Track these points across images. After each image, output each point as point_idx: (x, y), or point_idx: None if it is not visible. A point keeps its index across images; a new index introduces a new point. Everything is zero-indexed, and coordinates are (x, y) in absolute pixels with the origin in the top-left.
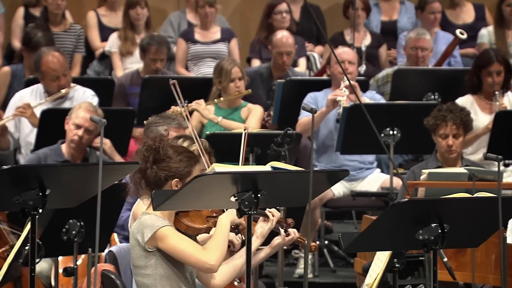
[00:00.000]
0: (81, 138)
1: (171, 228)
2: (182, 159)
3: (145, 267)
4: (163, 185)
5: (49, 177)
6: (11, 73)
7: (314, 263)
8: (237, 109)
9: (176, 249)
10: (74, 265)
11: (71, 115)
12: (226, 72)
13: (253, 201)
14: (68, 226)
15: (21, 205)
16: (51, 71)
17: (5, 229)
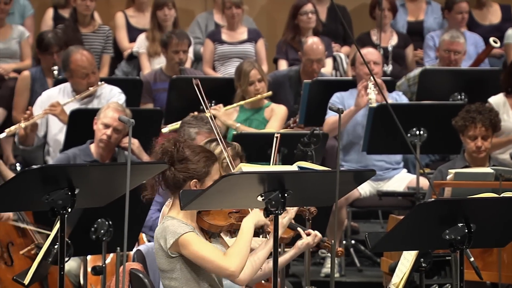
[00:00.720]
0: (109, 138)
1: (193, 234)
2: (199, 159)
3: (171, 271)
4: (182, 186)
5: (78, 176)
6: (30, 77)
7: (340, 263)
8: (261, 110)
9: (197, 256)
10: (102, 264)
11: (99, 115)
12: (244, 75)
13: (280, 200)
14: (97, 225)
15: (51, 204)
16: (81, 68)
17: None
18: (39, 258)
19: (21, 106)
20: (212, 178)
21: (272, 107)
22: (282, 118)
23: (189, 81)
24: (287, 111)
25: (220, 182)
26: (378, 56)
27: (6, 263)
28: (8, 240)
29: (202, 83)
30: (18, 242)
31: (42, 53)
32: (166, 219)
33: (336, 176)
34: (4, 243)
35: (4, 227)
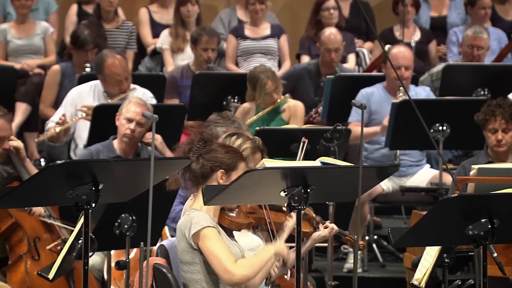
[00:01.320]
0: (133, 132)
1: (214, 230)
2: (228, 151)
3: (192, 263)
4: (208, 177)
5: (102, 172)
6: (61, 72)
7: (363, 258)
8: (277, 110)
9: (210, 252)
10: (126, 259)
11: (121, 111)
12: (260, 87)
13: (302, 196)
14: (120, 221)
15: (75, 200)
16: (115, 75)
17: (57, 223)
18: (64, 253)
19: (49, 100)
20: (238, 174)
21: (289, 106)
22: (301, 117)
23: (213, 77)
24: (303, 107)
25: (243, 177)
26: (411, 59)
27: (33, 258)
28: (35, 235)
29: (225, 79)
30: (45, 238)
31: (76, 49)
32: (191, 211)
33: (359, 172)
34: (31, 238)
35: (31, 222)
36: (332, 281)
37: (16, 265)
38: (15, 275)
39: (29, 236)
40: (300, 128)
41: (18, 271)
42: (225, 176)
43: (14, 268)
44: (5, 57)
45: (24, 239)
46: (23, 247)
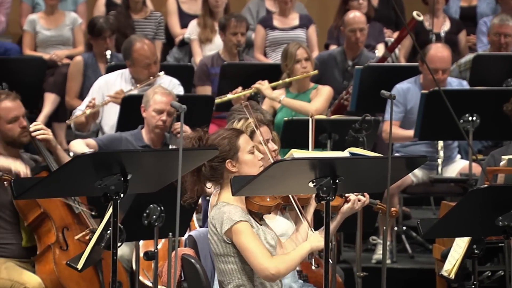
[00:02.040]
0: (165, 122)
1: (247, 225)
2: (222, 140)
3: (227, 255)
4: (222, 171)
5: (130, 162)
6: (83, 62)
7: (392, 249)
8: (307, 93)
9: (244, 247)
10: (154, 249)
11: (148, 102)
12: (291, 54)
13: (331, 187)
14: (149, 211)
15: (103, 190)
16: (144, 58)
17: (86, 213)
18: (92, 243)
19: (73, 91)
20: (245, 151)
21: (318, 88)
22: (326, 98)
23: (241, 67)
24: (332, 92)
25: (271, 168)
26: (448, 61)
27: (62, 248)
28: (64, 225)
29: (253, 69)
30: (73, 227)
31: (94, 38)
32: (221, 204)
33: (388, 162)
34: (59, 228)
35: (59, 212)
36: (360, 272)
37: (45, 256)
38: (44, 266)
39: (57, 226)
40: (328, 119)
41: (46, 262)
42: (234, 162)
43: (42, 258)
44: (34, 47)
45: (53, 229)
46: (51, 237)
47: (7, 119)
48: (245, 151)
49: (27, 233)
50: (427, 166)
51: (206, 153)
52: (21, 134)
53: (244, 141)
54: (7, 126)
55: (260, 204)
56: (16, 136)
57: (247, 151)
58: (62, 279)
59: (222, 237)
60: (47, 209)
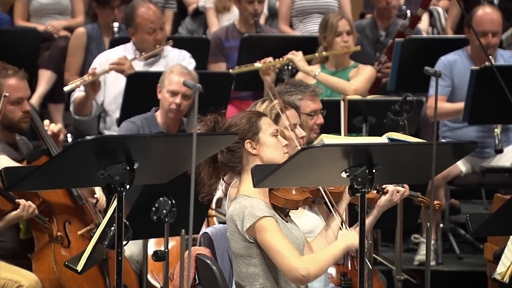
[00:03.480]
0: (179, 106)
1: (272, 220)
2: (240, 119)
3: (249, 257)
4: (241, 155)
5: (137, 149)
6: (86, 34)
7: (437, 249)
8: (346, 71)
9: (270, 246)
10: (165, 249)
11: (163, 82)
12: (332, 25)
13: (367, 177)
14: (158, 205)
15: (107, 181)
16: (148, 23)
17: (91, 206)
18: (94, 241)
19: (74, 68)
20: (267, 132)
21: (359, 67)
22: (367, 79)
23: (262, 39)
24: (375, 73)
25: (298, 155)
26: (498, 23)
27: (63, 244)
28: (66, 218)
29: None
30: (77, 221)
31: (101, 7)
32: (241, 197)
33: (432, 149)
34: (61, 221)
35: (61, 203)
36: (401, 275)
37: (43, 253)
38: (42, 264)
39: (57, 219)
40: (363, 99)
41: (45, 259)
42: (254, 144)
43: (40, 255)
44: (27, 17)
45: (53, 223)
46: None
47: (10, 99)
48: (267, 133)
49: (24, 223)
50: (477, 154)
51: (223, 139)
52: (22, 118)
53: (266, 123)
54: (8, 107)
55: (286, 198)
56: (16, 120)
57: (269, 133)
58: (63, 280)
59: (244, 235)
60: (47, 199)
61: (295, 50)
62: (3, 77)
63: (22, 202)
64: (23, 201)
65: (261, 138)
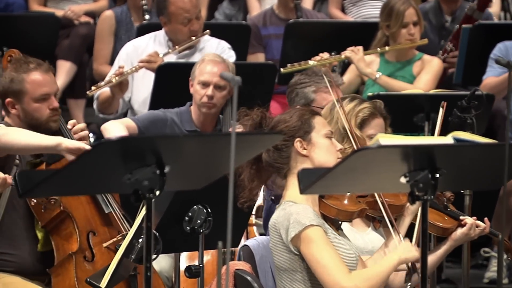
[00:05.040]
0: (211, 98)
1: (319, 230)
2: (291, 115)
3: (293, 271)
4: (289, 155)
5: (169, 150)
6: (115, 19)
7: (510, 264)
8: (409, 63)
9: (315, 259)
10: (199, 264)
11: (194, 73)
12: (397, 14)
13: (429, 182)
14: (192, 214)
15: (134, 186)
16: (183, 12)
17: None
18: (119, 255)
19: (103, 56)
20: (320, 133)
21: (424, 60)
22: (436, 74)
23: (309, 26)
24: (442, 66)
25: (351, 158)
26: None
27: (86, 258)
28: (89, 229)
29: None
30: (102, 232)
31: None
32: (287, 204)
33: (504, 151)
34: (83, 232)
35: (84, 211)
36: None
37: (64, 267)
38: (62, 280)
39: (81, 230)
40: (426, 94)
41: (66, 275)
42: (305, 143)
43: (61, 270)
44: (44, 2)
45: (75, 234)
46: (73, 244)
47: (35, 96)
48: (321, 133)
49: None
50: None
51: (266, 139)
52: (50, 117)
53: (320, 122)
54: (33, 105)
55: (338, 209)
56: (44, 119)
57: (323, 134)
58: None
59: (288, 246)
60: (68, 207)
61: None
62: (24, 72)
63: None
64: None
65: (313, 138)
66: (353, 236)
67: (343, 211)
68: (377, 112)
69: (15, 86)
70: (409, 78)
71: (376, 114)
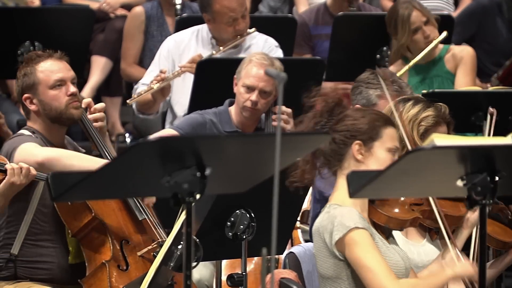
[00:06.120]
0: (255, 104)
1: (365, 233)
2: (364, 116)
3: (338, 279)
4: (343, 153)
5: (210, 151)
6: (145, 14)
7: None
8: (440, 60)
9: (361, 263)
10: (242, 272)
11: (240, 73)
12: (403, 22)
13: (488, 186)
14: (234, 219)
15: (173, 189)
16: (228, 11)
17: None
18: (157, 263)
19: (131, 55)
20: (385, 145)
21: (453, 53)
22: (473, 67)
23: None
24: (474, 54)
25: (404, 160)
26: None
27: (120, 267)
28: (122, 237)
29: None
30: (135, 240)
31: None
32: (331, 207)
33: None
34: (116, 240)
35: (117, 218)
36: None
37: (96, 277)
38: None
39: (114, 238)
40: (484, 91)
41: (99, 285)
42: (364, 149)
43: (93, 280)
44: None
45: (108, 242)
46: (106, 253)
47: (49, 83)
48: (385, 146)
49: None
50: None
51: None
52: (69, 104)
53: (390, 134)
54: (50, 93)
55: (389, 216)
56: (63, 107)
57: (387, 147)
58: None
59: (332, 251)
60: (100, 214)
61: None
62: (36, 63)
63: (10, 166)
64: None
65: (374, 147)
66: (408, 248)
67: (394, 218)
68: (441, 119)
69: (28, 80)
70: (445, 76)
71: (440, 122)
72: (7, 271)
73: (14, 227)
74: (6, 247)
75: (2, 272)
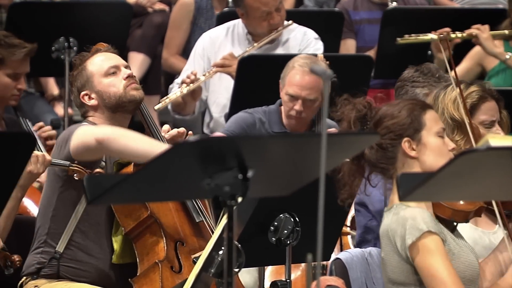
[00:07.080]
0: (300, 113)
1: (437, 239)
2: (400, 110)
3: (410, 285)
4: (395, 156)
5: (252, 153)
6: (195, 5)
7: None
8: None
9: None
10: (286, 279)
11: (284, 79)
12: None
13: None
14: (278, 223)
15: (214, 192)
16: (261, 6)
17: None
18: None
19: (176, 45)
20: (432, 131)
21: None
22: None
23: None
24: None
25: (456, 162)
26: None
27: (173, 269)
28: (178, 238)
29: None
30: (191, 242)
31: None
32: (399, 207)
33: None
34: (171, 241)
35: (173, 218)
36: None
37: (148, 277)
38: None
39: (168, 238)
40: None
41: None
42: (414, 144)
43: (145, 280)
44: None
45: (162, 242)
46: (159, 253)
47: (103, 71)
48: (432, 131)
49: (120, 243)
50: None
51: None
52: (127, 85)
53: (432, 118)
54: (105, 81)
55: (454, 209)
56: (122, 91)
57: (435, 132)
58: None
59: (406, 254)
60: (157, 212)
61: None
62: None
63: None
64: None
65: (423, 137)
66: (478, 236)
67: (460, 211)
68: (487, 94)
69: (81, 78)
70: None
71: (487, 97)
72: (49, 269)
73: (62, 221)
74: (50, 243)
75: (44, 270)
